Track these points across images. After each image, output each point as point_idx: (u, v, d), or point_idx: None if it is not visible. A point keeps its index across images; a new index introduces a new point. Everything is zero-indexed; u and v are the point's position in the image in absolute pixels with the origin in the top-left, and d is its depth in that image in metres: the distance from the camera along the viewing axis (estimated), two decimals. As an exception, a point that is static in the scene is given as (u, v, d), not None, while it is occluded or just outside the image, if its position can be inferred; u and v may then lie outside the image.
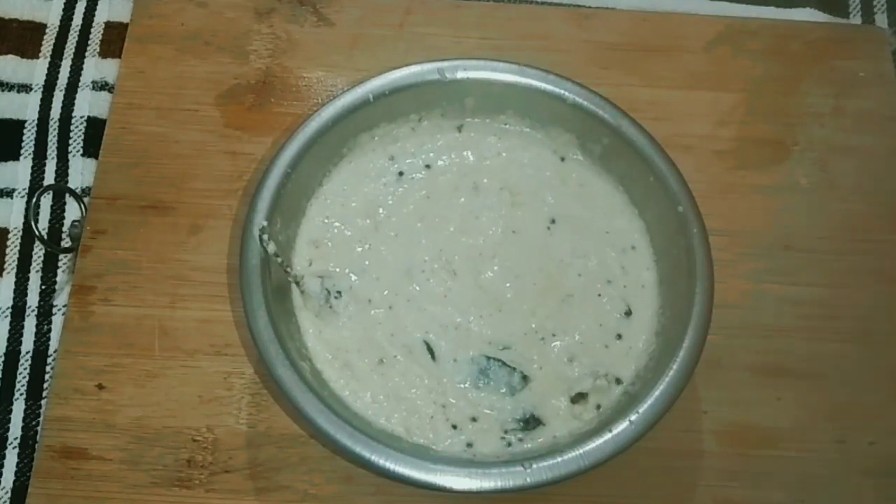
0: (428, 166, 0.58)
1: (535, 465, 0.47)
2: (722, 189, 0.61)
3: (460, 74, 0.57)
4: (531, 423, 0.52)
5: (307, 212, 0.57)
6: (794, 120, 0.64)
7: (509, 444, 0.51)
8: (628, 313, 0.54)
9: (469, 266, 0.56)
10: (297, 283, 0.54)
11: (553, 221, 0.57)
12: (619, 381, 0.53)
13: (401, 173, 0.58)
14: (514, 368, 0.53)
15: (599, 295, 0.55)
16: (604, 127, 0.56)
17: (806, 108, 0.65)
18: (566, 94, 0.56)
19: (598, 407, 0.52)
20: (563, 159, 0.58)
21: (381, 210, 0.57)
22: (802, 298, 0.59)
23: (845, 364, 0.57)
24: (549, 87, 0.57)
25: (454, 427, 0.52)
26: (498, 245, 0.56)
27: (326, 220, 0.57)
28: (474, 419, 0.52)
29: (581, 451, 0.47)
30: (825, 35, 0.67)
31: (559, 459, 0.47)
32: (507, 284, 0.55)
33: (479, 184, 0.58)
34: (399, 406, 0.52)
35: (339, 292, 0.54)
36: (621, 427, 0.47)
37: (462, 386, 0.53)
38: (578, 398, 0.52)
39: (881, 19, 0.70)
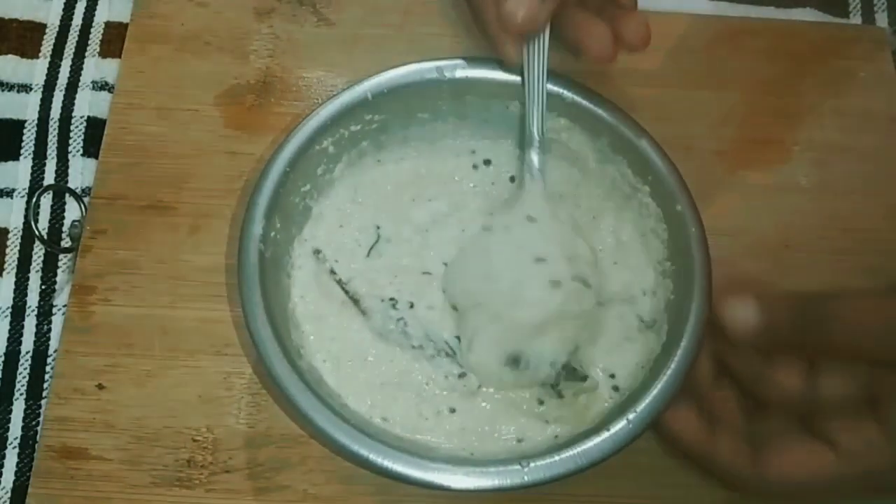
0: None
1: (532, 464, 0.47)
2: (722, 189, 0.61)
3: (460, 74, 0.57)
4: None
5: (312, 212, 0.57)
6: (794, 120, 0.64)
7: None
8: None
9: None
10: (357, 303, 0.54)
11: None
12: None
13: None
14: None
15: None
16: (603, 127, 0.56)
17: (806, 108, 0.65)
18: (566, 93, 0.57)
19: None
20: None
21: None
22: (802, 298, 0.59)
23: (845, 364, 0.57)
24: (549, 87, 0.57)
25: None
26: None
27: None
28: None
29: (579, 449, 0.47)
30: (825, 35, 0.67)
31: (557, 458, 0.47)
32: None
33: (477, 163, 0.59)
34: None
35: (401, 320, 0.54)
36: (619, 426, 0.47)
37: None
38: None
39: (881, 19, 0.70)
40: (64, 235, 0.60)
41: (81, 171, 0.62)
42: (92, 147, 0.62)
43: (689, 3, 0.69)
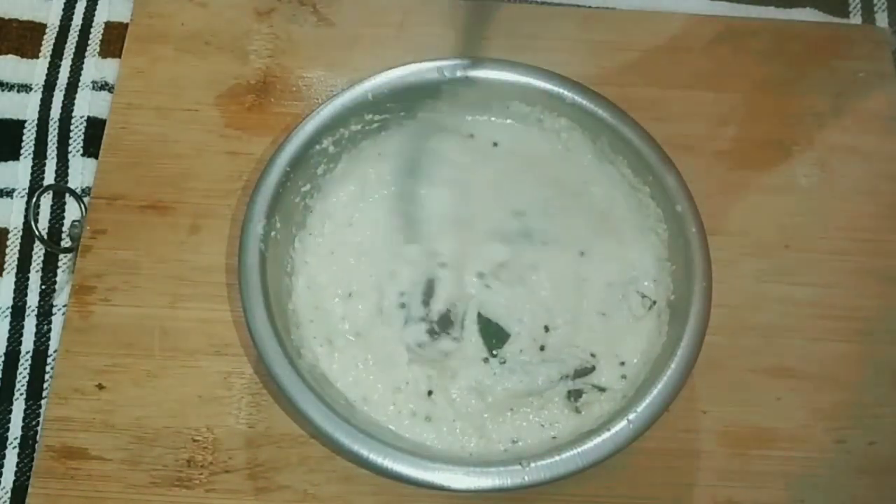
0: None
1: (533, 464, 0.47)
2: (722, 189, 0.61)
3: (460, 74, 0.57)
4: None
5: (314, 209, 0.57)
6: (794, 120, 0.64)
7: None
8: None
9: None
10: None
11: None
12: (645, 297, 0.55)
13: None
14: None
15: None
16: (603, 127, 0.56)
17: (806, 108, 0.65)
18: (566, 93, 0.57)
19: None
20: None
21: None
22: (802, 298, 0.59)
23: (845, 364, 0.57)
24: (548, 87, 0.57)
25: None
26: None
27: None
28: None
29: (579, 450, 0.47)
30: (825, 35, 0.67)
31: (557, 458, 0.47)
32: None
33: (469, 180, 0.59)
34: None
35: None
36: (619, 426, 0.48)
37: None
38: None
39: (881, 19, 0.70)
40: (64, 235, 0.60)
41: (81, 171, 0.62)
42: (92, 147, 0.62)
43: (689, 3, 0.69)
